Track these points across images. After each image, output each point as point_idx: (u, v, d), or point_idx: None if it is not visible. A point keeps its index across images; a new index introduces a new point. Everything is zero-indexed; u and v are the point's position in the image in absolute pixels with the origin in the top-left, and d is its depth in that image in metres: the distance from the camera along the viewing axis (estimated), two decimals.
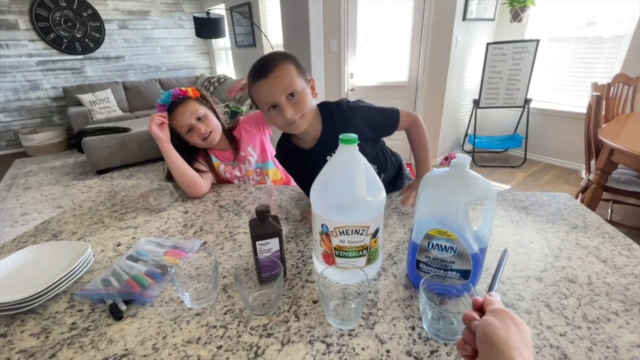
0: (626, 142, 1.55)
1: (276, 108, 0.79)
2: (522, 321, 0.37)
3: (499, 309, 0.38)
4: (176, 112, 1.06)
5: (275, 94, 0.77)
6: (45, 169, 3.71)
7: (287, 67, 0.77)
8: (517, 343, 0.33)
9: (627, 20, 2.60)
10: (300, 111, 0.79)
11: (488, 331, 0.35)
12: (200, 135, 1.06)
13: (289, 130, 0.85)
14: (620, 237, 0.75)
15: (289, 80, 0.77)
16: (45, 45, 4.24)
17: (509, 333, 0.34)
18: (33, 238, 0.84)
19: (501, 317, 0.36)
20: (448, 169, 0.55)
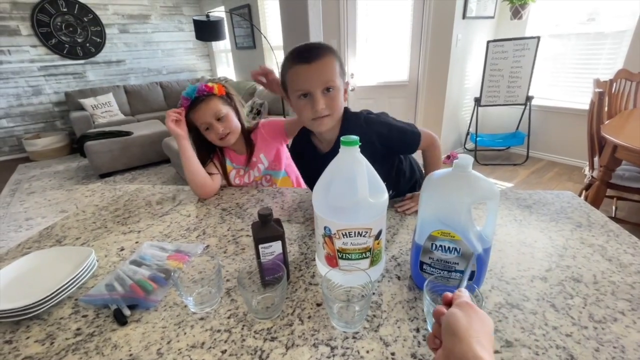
0: (629, 139, 1.54)
1: (307, 97, 0.77)
2: (485, 314, 0.39)
3: (464, 302, 0.40)
4: (198, 108, 1.04)
5: (313, 83, 0.74)
6: (49, 173, 3.73)
7: (332, 61, 0.76)
8: (477, 332, 0.35)
9: (628, 15, 2.58)
10: (331, 108, 0.78)
11: (451, 321, 0.36)
12: (218, 135, 1.06)
13: (312, 126, 0.82)
14: (625, 235, 0.75)
15: (331, 74, 0.75)
16: (47, 51, 4.27)
17: (470, 323, 0.36)
18: (37, 244, 0.85)
19: (465, 309, 0.38)
20: (450, 169, 0.55)
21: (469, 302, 0.40)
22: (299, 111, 0.81)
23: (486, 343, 0.35)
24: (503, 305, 0.57)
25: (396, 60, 3.10)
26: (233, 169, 1.17)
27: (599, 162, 1.79)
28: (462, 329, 0.35)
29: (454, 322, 0.36)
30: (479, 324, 0.36)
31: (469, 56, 3.16)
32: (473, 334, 0.35)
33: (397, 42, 3.04)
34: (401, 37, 3.00)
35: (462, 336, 0.34)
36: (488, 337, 0.36)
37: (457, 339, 0.34)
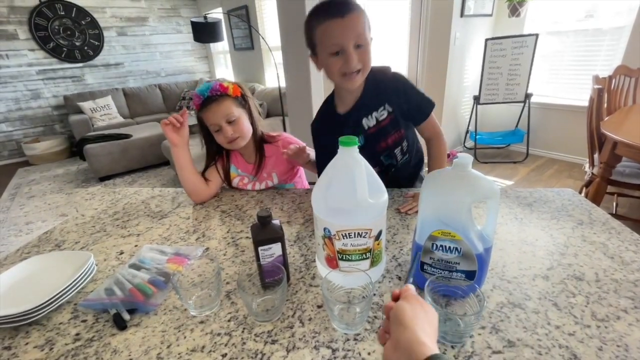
0: (629, 135, 1.54)
1: (339, 54, 0.75)
2: (430, 307, 0.42)
3: (411, 295, 0.43)
4: (209, 108, 0.98)
5: (348, 37, 0.73)
6: (48, 177, 3.73)
7: (362, 15, 0.74)
8: (421, 321, 0.38)
9: (626, 11, 2.58)
10: (363, 63, 0.77)
11: (398, 313, 0.39)
12: (226, 138, 1.00)
13: (342, 82, 0.82)
14: (627, 232, 0.74)
15: (363, 28, 0.74)
16: (45, 55, 4.26)
17: (414, 313, 0.39)
18: (36, 248, 0.84)
19: (411, 301, 0.41)
20: (450, 168, 0.54)
21: (415, 295, 0.43)
22: (329, 68, 0.80)
23: (430, 331, 0.38)
24: (505, 304, 0.56)
25: (395, 59, 3.09)
26: (237, 176, 1.13)
27: (599, 158, 1.78)
28: (407, 319, 0.38)
29: (400, 313, 0.39)
30: (423, 314, 0.39)
31: (467, 54, 3.16)
32: (418, 322, 0.37)
33: (396, 41, 3.04)
34: (399, 36, 3.00)
35: (407, 325, 0.37)
36: (431, 326, 0.39)
37: (403, 328, 0.37)
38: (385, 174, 0.97)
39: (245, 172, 1.13)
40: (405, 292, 0.43)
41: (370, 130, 0.93)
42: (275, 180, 1.13)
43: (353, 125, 0.93)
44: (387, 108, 0.91)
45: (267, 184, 1.13)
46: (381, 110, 0.91)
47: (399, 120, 0.92)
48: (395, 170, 1.00)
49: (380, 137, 0.93)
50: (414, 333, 0.36)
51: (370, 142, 0.94)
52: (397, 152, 0.96)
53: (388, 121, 0.91)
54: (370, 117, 0.91)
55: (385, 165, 0.99)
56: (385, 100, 0.90)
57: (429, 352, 0.33)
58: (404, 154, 0.98)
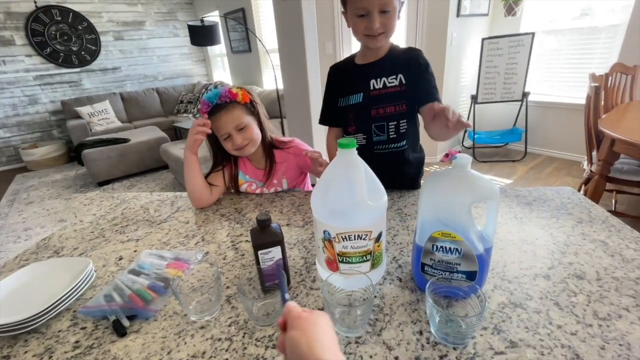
0: (627, 132, 1.54)
1: (365, 16, 0.83)
2: (318, 314, 0.39)
3: (293, 318, 0.39)
4: (219, 116, 0.96)
5: (374, 3, 0.80)
6: (47, 183, 3.72)
7: None
8: (316, 341, 0.36)
9: (621, 9, 2.59)
10: (386, 27, 0.85)
11: (293, 348, 0.36)
12: (235, 145, 0.99)
13: (365, 41, 0.90)
14: (627, 229, 0.74)
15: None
16: (42, 60, 4.26)
17: (306, 339, 0.36)
18: (34, 255, 0.84)
19: (298, 326, 0.38)
20: (449, 168, 0.54)
21: (297, 314, 0.40)
22: (355, 27, 0.88)
23: (327, 342, 0.36)
24: (506, 305, 0.56)
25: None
26: (245, 182, 1.10)
27: (597, 156, 1.78)
28: (304, 349, 0.35)
29: (294, 347, 0.36)
30: (313, 330, 0.37)
31: (464, 54, 3.17)
32: (313, 344, 0.35)
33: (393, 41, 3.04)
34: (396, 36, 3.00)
35: (305, 354, 0.35)
36: (326, 335, 0.37)
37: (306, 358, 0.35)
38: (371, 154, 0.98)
39: (254, 178, 1.10)
40: (288, 317, 0.40)
41: (374, 92, 0.95)
42: (285, 186, 1.12)
43: (361, 77, 0.97)
44: (400, 78, 0.94)
45: (276, 190, 1.11)
46: (392, 78, 0.94)
47: (406, 97, 0.94)
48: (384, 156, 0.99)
49: (380, 102, 0.95)
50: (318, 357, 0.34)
51: (368, 103, 0.96)
52: (391, 126, 0.97)
53: (394, 90, 0.94)
54: (379, 80, 0.95)
55: (373, 141, 0.99)
56: (400, 72, 0.94)
57: None
58: (398, 135, 0.98)
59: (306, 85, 2.32)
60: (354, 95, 0.98)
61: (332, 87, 1.05)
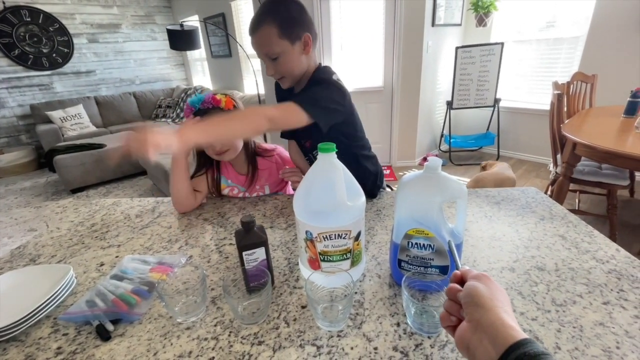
0: (587, 136, 1.66)
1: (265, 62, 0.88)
2: (499, 285, 0.40)
3: (479, 274, 0.41)
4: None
5: (259, 53, 0.86)
6: (14, 190, 3.54)
7: (268, 30, 0.81)
8: (500, 301, 0.36)
9: (583, 21, 2.79)
10: (280, 72, 0.88)
11: (474, 294, 0.37)
12: (215, 151, 1.00)
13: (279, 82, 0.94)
14: (582, 225, 0.81)
15: (267, 45, 0.83)
16: (10, 62, 4.07)
17: (492, 293, 0.37)
18: (9, 264, 0.81)
19: (483, 280, 0.39)
20: (422, 171, 0.59)
21: (484, 273, 0.41)
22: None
23: (509, 310, 0.36)
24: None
25: (371, 66, 3.18)
26: (227, 187, 1.12)
27: (562, 158, 1.91)
28: (486, 300, 0.36)
29: (476, 294, 0.37)
30: (499, 293, 0.38)
31: (439, 62, 3.30)
32: (497, 303, 0.36)
33: (371, 49, 3.13)
34: (375, 44, 3.10)
35: (487, 306, 0.35)
36: (509, 305, 0.38)
37: (484, 310, 0.35)
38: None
39: (236, 182, 1.12)
40: (470, 273, 0.41)
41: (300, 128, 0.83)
42: (267, 191, 1.14)
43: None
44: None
45: (259, 194, 1.14)
46: None
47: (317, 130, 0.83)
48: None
49: (303, 135, 1.01)
50: (497, 315, 0.34)
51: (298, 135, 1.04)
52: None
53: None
54: None
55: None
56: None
57: (518, 335, 0.32)
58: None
59: None
60: None
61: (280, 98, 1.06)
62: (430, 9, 2.92)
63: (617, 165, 1.60)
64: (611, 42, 2.58)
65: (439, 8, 2.98)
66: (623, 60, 2.54)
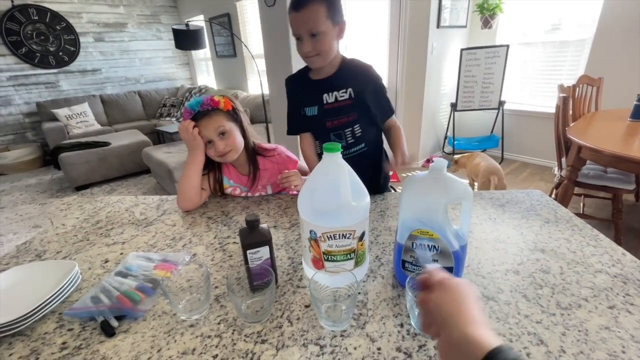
0: (593, 139, 1.65)
1: (300, 39, 0.91)
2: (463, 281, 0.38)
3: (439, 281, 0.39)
4: (200, 123, 0.98)
5: (301, 29, 0.88)
6: (20, 187, 3.57)
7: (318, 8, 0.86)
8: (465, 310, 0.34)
9: (589, 23, 2.77)
10: (317, 50, 0.90)
11: (438, 312, 0.36)
12: (218, 152, 1.01)
13: (306, 62, 0.98)
14: (588, 229, 0.81)
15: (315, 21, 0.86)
16: (17, 60, 4.11)
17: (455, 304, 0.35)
18: (15, 259, 0.82)
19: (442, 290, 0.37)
20: (427, 172, 0.59)
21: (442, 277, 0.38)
22: (297, 49, 0.94)
23: (477, 313, 0.34)
24: (480, 298, 0.61)
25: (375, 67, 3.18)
26: (229, 187, 1.12)
27: (566, 162, 1.90)
28: (450, 314, 0.34)
29: (439, 312, 0.35)
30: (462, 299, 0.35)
31: (444, 63, 3.29)
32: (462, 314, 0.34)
33: (376, 51, 3.13)
34: (379, 45, 3.10)
35: (453, 323, 0.34)
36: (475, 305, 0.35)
37: (450, 327, 0.34)
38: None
39: (238, 183, 1.12)
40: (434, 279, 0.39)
41: (327, 106, 1.02)
42: (269, 191, 1.15)
43: (314, 92, 1.03)
44: (349, 92, 1.01)
45: (261, 194, 1.14)
46: (342, 92, 1.01)
47: (356, 107, 1.02)
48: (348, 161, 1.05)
49: (333, 115, 1.03)
50: (462, 331, 0.33)
51: (323, 115, 1.04)
52: (347, 133, 1.05)
53: (345, 103, 1.01)
54: (331, 94, 1.02)
55: None
56: (350, 86, 1.01)
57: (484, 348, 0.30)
58: (355, 139, 1.06)
59: None
60: (309, 108, 1.05)
61: (294, 97, 1.10)
62: (436, 10, 2.92)
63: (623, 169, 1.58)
64: (618, 45, 2.56)
65: (444, 10, 2.97)
66: (630, 64, 2.52)
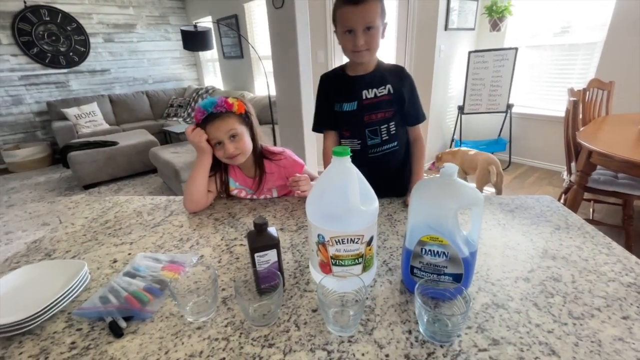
0: (603, 144, 1.63)
1: (351, 33, 0.91)
2: None
3: None
4: (212, 124, 0.98)
5: (357, 22, 0.89)
6: (29, 185, 3.62)
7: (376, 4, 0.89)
8: None
9: (599, 27, 2.74)
10: (369, 44, 0.93)
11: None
12: (227, 154, 1.00)
13: (352, 57, 0.99)
14: (600, 236, 0.79)
15: (373, 16, 0.89)
16: (28, 60, 4.18)
17: None
18: (25, 258, 0.83)
19: None
20: (437, 177, 0.58)
21: None
22: (343, 44, 0.96)
23: None
24: (489, 305, 0.60)
25: None
26: (235, 189, 1.13)
27: (576, 167, 1.87)
28: None
29: None
30: None
31: (451, 66, 3.28)
32: None
33: (383, 52, 3.12)
34: (386, 47, 3.09)
35: None
36: None
37: None
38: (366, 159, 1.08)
39: (244, 185, 1.13)
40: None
41: (366, 101, 1.04)
42: (274, 194, 1.15)
43: (354, 88, 1.05)
44: (388, 88, 1.04)
45: (266, 197, 1.14)
46: (381, 88, 1.04)
47: (394, 103, 1.05)
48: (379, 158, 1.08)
49: (372, 109, 1.05)
50: None
51: (362, 110, 1.05)
52: (383, 129, 1.06)
53: (384, 99, 1.04)
54: (371, 90, 1.04)
55: (367, 145, 1.08)
56: (389, 83, 1.04)
57: None
58: (389, 136, 1.07)
59: (298, 92, 2.36)
60: (347, 104, 1.05)
61: (326, 94, 1.10)
62: (444, 12, 2.90)
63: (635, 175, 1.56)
64: (630, 48, 2.53)
65: (452, 12, 2.96)
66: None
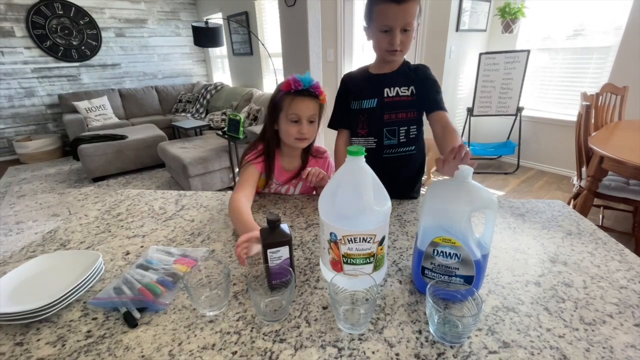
0: (615, 150, 1.61)
1: (387, 32, 0.91)
2: None
3: None
4: (303, 99, 0.98)
5: (397, 22, 0.88)
6: (40, 176, 3.68)
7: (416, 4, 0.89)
8: None
9: (613, 31, 2.70)
10: (404, 45, 0.93)
11: None
12: (301, 133, 0.99)
13: (384, 55, 0.98)
14: (612, 242, 0.79)
15: (412, 17, 0.89)
16: (41, 53, 4.24)
17: None
18: (41, 247, 0.85)
19: None
20: (452, 178, 0.58)
21: None
22: (377, 42, 0.96)
23: None
24: (500, 308, 0.60)
25: None
26: (273, 183, 1.12)
27: (587, 172, 1.85)
28: None
29: None
30: None
31: (462, 67, 3.25)
32: None
33: None
34: None
35: None
36: None
37: None
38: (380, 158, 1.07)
39: (280, 180, 1.11)
40: None
41: (387, 99, 1.03)
42: (297, 191, 1.15)
43: (376, 85, 1.04)
44: (411, 89, 1.03)
45: (288, 191, 1.14)
46: (404, 88, 1.03)
47: (416, 105, 1.03)
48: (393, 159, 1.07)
49: (392, 108, 1.04)
50: None
51: (382, 108, 1.04)
52: (402, 131, 1.05)
53: (406, 99, 1.03)
54: (393, 89, 1.03)
55: (383, 145, 1.06)
56: (412, 84, 1.03)
57: None
58: (408, 139, 1.06)
59: None
60: (367, 100, 1.05)
61: (346, 93, 1.11)
62: (455, 13, 2.88)
63: None
64: None
65: (464, 13, 2.94)
66: None
